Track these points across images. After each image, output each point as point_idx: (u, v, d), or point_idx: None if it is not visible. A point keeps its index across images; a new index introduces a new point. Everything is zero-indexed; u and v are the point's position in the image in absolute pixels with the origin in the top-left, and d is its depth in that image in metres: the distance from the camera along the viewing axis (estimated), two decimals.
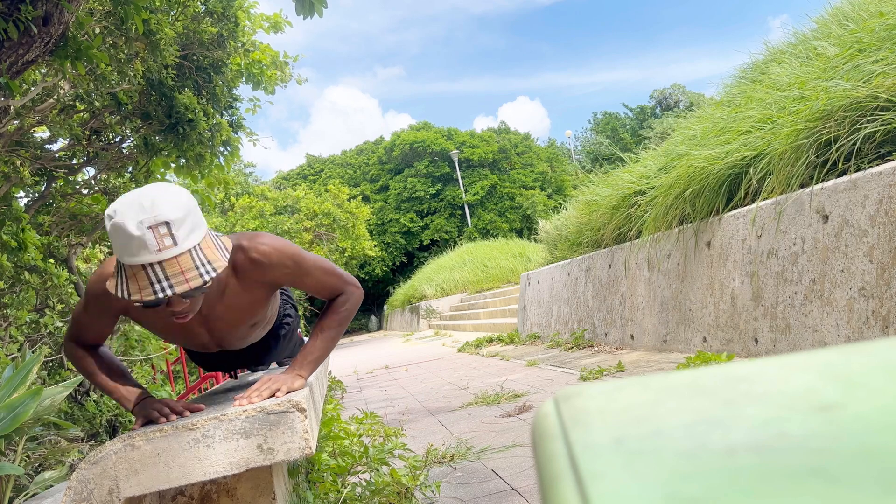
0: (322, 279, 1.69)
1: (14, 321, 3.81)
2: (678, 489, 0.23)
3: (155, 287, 1.33)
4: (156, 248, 1.31)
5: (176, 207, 1.34)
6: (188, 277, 1.35)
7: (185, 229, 1.35)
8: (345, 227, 18.74)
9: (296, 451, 1.36)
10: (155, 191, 1.36)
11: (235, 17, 5.03)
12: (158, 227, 1.30)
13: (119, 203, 1.34)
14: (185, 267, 1.34)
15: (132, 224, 1.29)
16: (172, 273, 1.33)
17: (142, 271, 1.33)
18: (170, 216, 1.32)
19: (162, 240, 1.31)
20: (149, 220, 1.30)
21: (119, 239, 1.31)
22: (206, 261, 1.38)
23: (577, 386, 0.36)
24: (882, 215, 2.68)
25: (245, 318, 1.73)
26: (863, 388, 0.29)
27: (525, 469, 2.58)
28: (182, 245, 1.34)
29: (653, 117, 35.59)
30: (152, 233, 1.30)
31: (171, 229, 1.32)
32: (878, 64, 3.04)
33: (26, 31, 2.86)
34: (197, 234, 1.38)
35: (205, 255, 1.38)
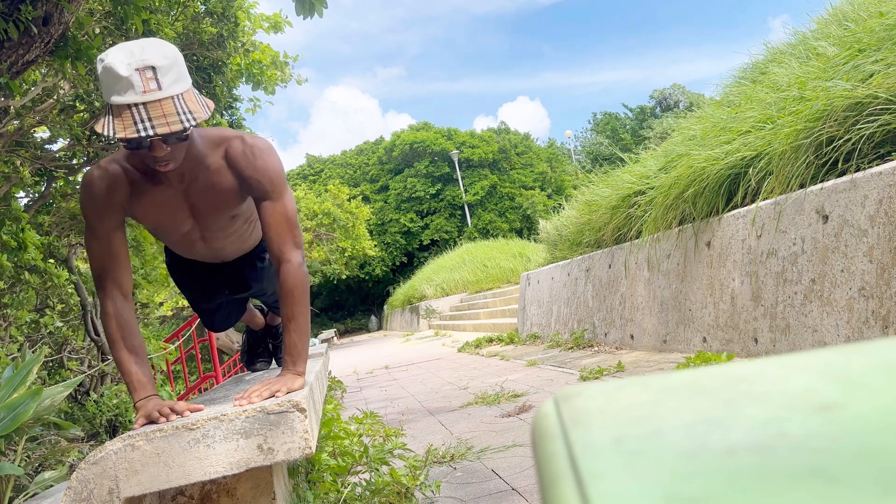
0: (282, 217, 1.69)
1: (14, 321, 3.81)
2: (678, 489, 0.23)
3: (138, 126, 1.41)
4: (141, 90, 1.40)
5: (163, 56, 1.44)
6: (169, 121, 1.43)
7: (170, 77, 1.44)
8: (345, 227, 18.74)
9: (296, 451, 1.36)
10: (145, 40, 1.48)
11: (235, 17, 5.03)
12: (145, 70, 1.40)
13: (111, 49, 1.46)
14: (168, 111, 1.43)
15: (121, 65, 1.39)
16: (155, 115, 1.42)
17: (127, 111, 1.41)
18: (156, 62, 1.42)
19: (147, 83, 1.41)
20: (136, 62, 1.40)
21: (108, 80, 1.41)
22: (188, 109, 1.46)
23: (577, 386, 0.36)
24: (882, 215, 2.68)
25: (224, 202, 1.75)
26: (863, 388, 0.29)
27: (525, 469, 2.58)
28: (166, 90, 1.43)
29: (653, 117, 35.59)
30: (139, 75, 1.40)
31: (157, 74, 1.42)
32: (878, 64, 3.04)
33: (26, 31, 2.86)
34: (181, 84, 1.47)
35: (186, 105, 1.47)
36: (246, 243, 2.07)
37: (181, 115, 1.45)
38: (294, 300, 1.67)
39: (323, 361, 2.84)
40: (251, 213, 1.94)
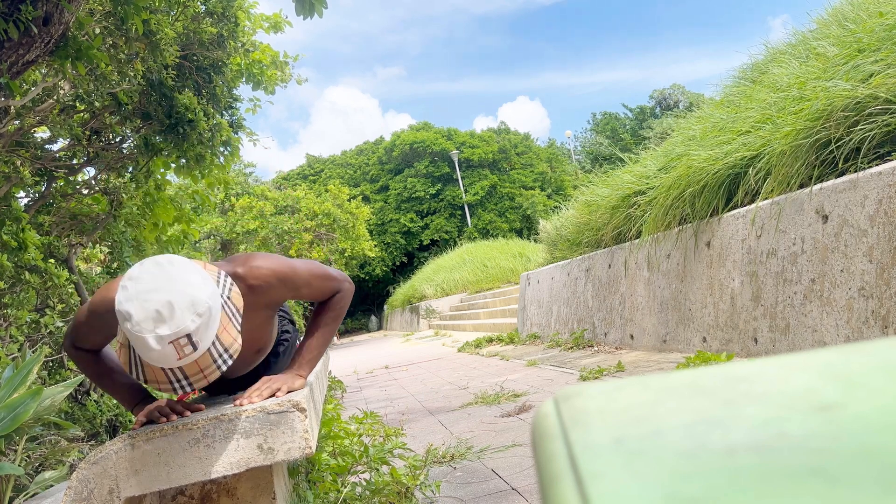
0: (318, 286, 1.71)
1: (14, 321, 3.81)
2: (678, 489, 0.23)
3: (174, 385, 1.33)
4: (176, 359, 1.28)
5: (196, 313, 1.27)
6: (207, 374, 1.34)
7: (205, 332, 1.30)
8: (345, 228, 18.74)
9: (296, 451, 1.36)
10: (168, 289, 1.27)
11: (235, 17, 5.03)
12: (180, 339, 1.26)
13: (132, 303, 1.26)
14: (204, 365, 1.33)
15: (151, 339, 1.24)
16: (192, 373, 1.32)
17: (160, 370, 1.32)
18: (191, 327, 1.26)
19: (182, 349, 1.27)
20: (169, 336, 1.25)
21: (136, 344, 1.27)
22: (223, 349, 1.35)
23: (577, 386, 0.36)
24: (881, 215, 2.68)
25: (251, 345, 1.72)
26: (863, 388, 0.29)
27: (525, 469, 2.58)
28: (202, 348, 1.30)
29: (652, 117, 35.59)
30: (173, 347, 1.26)
31: (192, 338, 1.27)
32: (878, 64, 3.04)
33: (26, 31, 2.86)
34: (214, 325, 1.32)
35: (221, 345, 1.35)
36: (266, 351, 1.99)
37: (217, 361, 1.34)
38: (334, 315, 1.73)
39: (323, 361, 2.84)
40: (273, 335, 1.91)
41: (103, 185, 5.47)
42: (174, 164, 5.23)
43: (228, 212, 17.62)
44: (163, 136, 4.75)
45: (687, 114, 7.68)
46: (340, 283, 1.76)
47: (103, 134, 5.18)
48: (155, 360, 1.27)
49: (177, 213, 5.93)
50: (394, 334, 20.73)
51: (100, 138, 5.17)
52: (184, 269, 1.31)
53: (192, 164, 5.07)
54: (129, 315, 1.25)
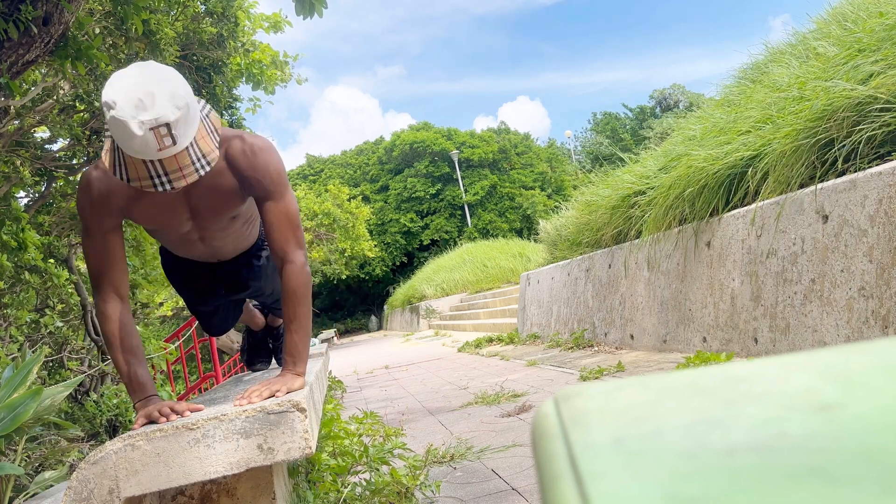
0: (284, 217, 1.68)
1: (14, 321, 3.81)
2: (678, 489, 0.23)
3: (154, 181, 1.41)
4: (156, 148, 1.37)
5: (175, 105, 1.37)
6: (185, 173, 1.43)
7: (184, 126, 1.39)
8: (345, 227, 18.74)
9: (296, 451, 1.36)
10: (151, 82, 1.37)
11: (235, 17, 5.03)
12: (159, 128, 1.35)
13: (116, 92, 1.35)
14: (183, 163, 1.42)
15: (133, 124, 1.33)
16: (171, 169, 1.41)
17: (141, 164, 1.40)
18: (170, 116, 1.35)
19: (163, 140, 1.36)
20: (150, 121, 1.34)
21: (118, 133, 1.36)
22: (202, 154, 1.45)
23: (577, 386, 0.36)
24: (882, 215, 2.68)
25: (225, 203, 1.74)
26: (863, 388, 0.29)
27: (525, 469, 2.58)
28: (181, 143, 1.39)
29: (652, 117, 35.60)
30: (153, 134, 1.35)
31: (172, 129, 1.36)
32: (878, 64, 3.04)
33: (26, 31, 2.86)
34: (193, 126, 1.43)
35: (200, 149, 1.45)
36: (244, 242, 2.06)
37: (196, 164, 1.44)
38: (296, 301, 1.66)
39: (323, 361, 2.84)
40: (251, 213, 1.93)
41: None
42: None
43: None
44: None
45: (687, 114, 7.69)
46: (297, 249, 1.69)
47: (103, 134, 5.17)
48: (136, 149, 1.36)
49: None
50: (394, 334, 20.73)
51: (100, 138, 5.17)
52: (167, 70, 1.43)
53: None
54: (113, 103, 1.34)
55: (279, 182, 1.68)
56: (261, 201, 1.69)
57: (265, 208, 1.68)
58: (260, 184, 1.66)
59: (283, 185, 1.69)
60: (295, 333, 1.67)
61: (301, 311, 1.67)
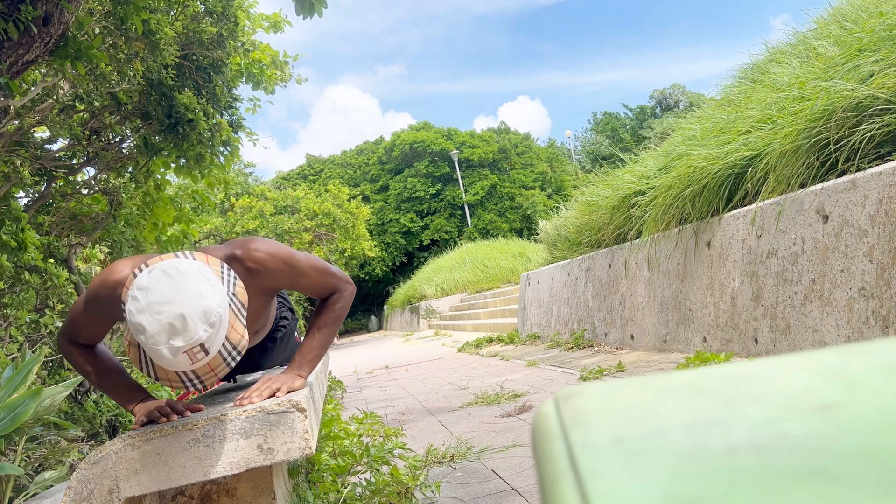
0: (317, 279, 1.71)
1: (14, 321, 3.81)
2: (678, 489, 0.23)
3: (186, 384, 1.35)
4: (189, 364, 1.30)
5: (208, 323, 1.28)
6: (217, 372, 1.36)
7: (216, 337, 1.31)
8: (345, 228, 18.74)
9: (296, 451, 1.36)
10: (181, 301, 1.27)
11: (235, 16, 5.03)
12: (193, 348, 1.27)
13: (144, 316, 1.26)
14: (215, 365, 1.34)
15: (166, 350, 1.26)
16: (203, 373, 1.34)
17: (173, 372, 1.33)
18: (203, 336, 1.27)
19: (195, 356, 1.29)
20: (183, 347, 1.26)
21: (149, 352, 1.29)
22: (232, 347, 1.36)
23: (577, 386, 0.36)
24: (882, 215, 2.68)
25: (249, 328, 1.73)
26: (863, 388, 0.29)
27: (525, 469, 2.58)
28: (213, 351, 1.31)
29: (653, 117, 35.60)
30: (186, 355, 1.28)
31: (205, 346, 1.29)
32: (878, 64, 3.04)
33: (26, 31, 2.86)
34: (224, 329, 1.33)
35: (230, 343, 1.36)
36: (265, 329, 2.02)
37: (227, 360, 1.36)
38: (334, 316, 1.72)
39: (323, 361, 2.84)
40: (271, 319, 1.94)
41: (103, 185, 5.47)
42: (174, 164, 5.23)
43: (228, 212, 17.62)
44: (162, 136, 4.75)
45: (687, 114, 7.69)
46: (340, 281, 1.75)
47: (103, 134, 5.17)
48: (168, 365, 1.29)
49: (176, 213, 5.93)
50: (394, 334, 20.72)
51: (99, 138, 5.17)
52: (192, 278, 1.31)
53: (191, 163, 5.07)
54: (142, 328, 1.26)
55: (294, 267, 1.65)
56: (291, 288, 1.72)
57: (298, 289, 1.72)
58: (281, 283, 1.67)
59: (297, 266, 1.66)
60: (315, 340, 1.70)
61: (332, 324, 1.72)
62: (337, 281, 1.74)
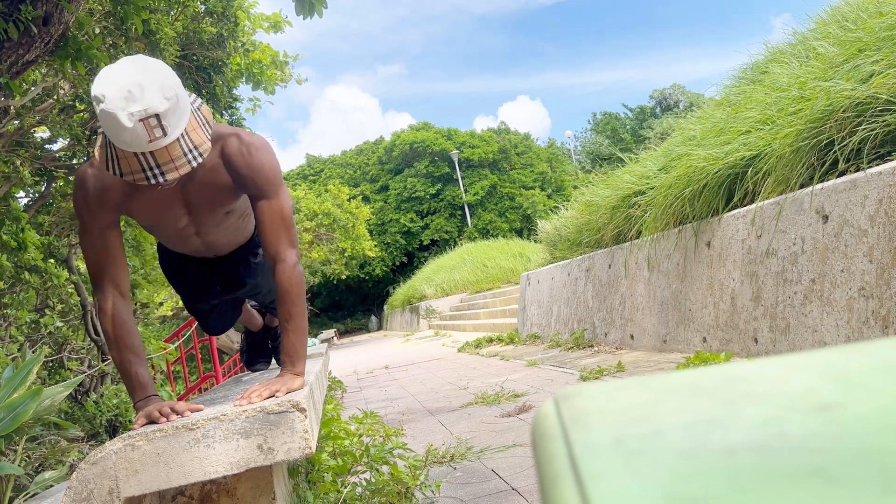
0: (278, 216, 1.68)
1: (14, 321, 3.81)
2: (678, 489, 0.23)
3: (147, 174, 1.41)
4: (147, 140, 1.37)
5: (164, 96, 1.37)
6: (177, 165, 1.43)
7: (174, 117, 1.40)
8: (345, 228, 18.74)
9: (296, 451, 1.36)
10: (140, 74, 1.37)
11: (235, 16, 5.03)
12: (149, 118, 1.35)
13: (106, 86, 1.36)
14: (175, 155, 1.42)
15: (123, 116, 1.34)
16: (163, 161, 1.41)
17: (133, 157, 1.40)
18: (159, 107, 1.36)
19: (153, 131, 1.36)
20: (139, 112, 1.34)
21: (109, 126, 1.37)
22: (193, 146, 1.45)
23: (577, 386, 0.36)
24: (882, 215, 2.68)
25: (220, 199, 1.75)
26: (863, 388, 0.29)
27: (525, 469, 2.58)
28: (171, 135, 1.40)
29: (652, 117, 35.60)
30: (143, 125, 1.35)
31: (161, 120, 1.37)
32: (879, 64, 3.04)
33: (26, 31, 2.86)
34: (184, 118, 1.43)
35: (191, 140, 1.45)
36: (240, 236, 2.07)
37: (188, 155, 1.44)
38: (290, 300, 1.66)
39: (323, 361, 2.84)
40: (246, 208, 1.93)
41: None
42: None
43: None
44: None
45: (687, 114, 7.69)
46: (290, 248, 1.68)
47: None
48: (127, 141, 1.37)
49: None
50: (394, 334, 20.72)
51: None
52: (156, 63, 1.43)
53: None
54: (102, 96, 1.35)
55: (273, 181, 1.68)
56: (254, 199, 1.70)
57: (258, 206, 1.69)
58: (254, 182, 1.67)
59: (276, 183, 1.69)
60: (291, 333, 1.66)
61: (296, 311, 1.66)
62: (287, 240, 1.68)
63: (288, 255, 1.68)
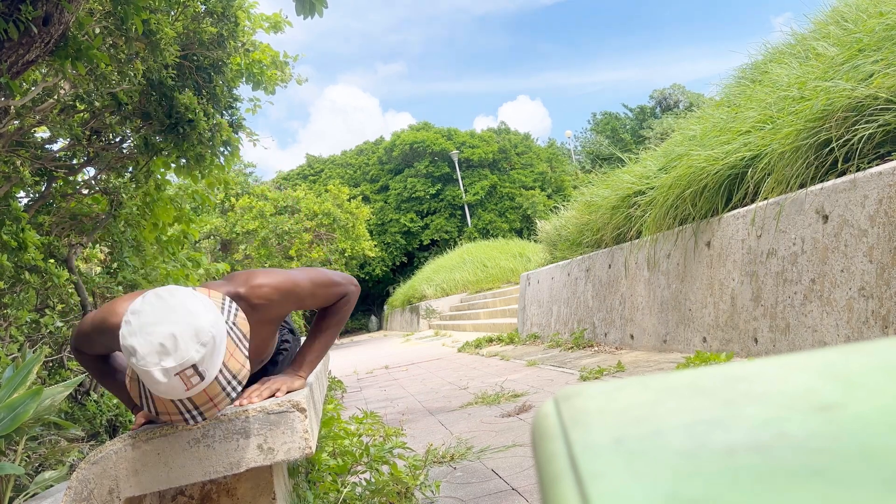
0: (323, 294, 1.70)
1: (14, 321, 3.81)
2: (678, 489, 0.23)
3: (185, 416, 1.32)
4: (184, 390, 1.27)
5: (200, 343, 1.26)
6: (216, 402, 1.33)
7: (211, 360, 1.28)
8: (345, 228, 18.74)
9: (296, 451, 1.36)
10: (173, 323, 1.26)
11: (235, 16, 5.03)
12: (186, 370, 1.24)
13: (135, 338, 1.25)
14: (213, 393, 1.31)
15: (157, 372, 1.23)
16: (201, 403, 1.31)
17: (170, 402, 1.30)
18: (195, 357, 1.25)
19: (189, 380, 1.26)
20: (175, 368, 1.23)
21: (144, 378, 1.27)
22: (231, 376, 1.34)
23: (577, 386, 0.36)
24: (882, 215, 2.68)
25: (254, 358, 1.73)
26: (863, 388, 0.29)
27: (525, 469, 2.58)
28: (209, 377, 1.28)
29: (653, 117, 35.60)
30: (180, 378, 1.24)
31: (198, 368, 1.26)
32: (878, 64, 3.04)
33: (26, 31, 2.86)
34: (220, 353, 1.31)
35: (229, 372, 1.34)
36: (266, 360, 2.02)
37: (226, 389, 1.33)
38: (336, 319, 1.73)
39: (323, 361, 2.84)
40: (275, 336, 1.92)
41: (103, 185, 5.47)
42: (174, 164, 5.23)
43: (228, 212, 17.62)
44: (163, 136, 4.75)
45: (687, 114, 7.69)
46: (345, 286, 1.74)
47: (103, 134, 5.17)
48: (163, 392, 1.26)
49: (177, 213, 5.93)
50: (394, 334, 20.72)
51: (100, 138, 5.16)
52: (186, 299, 1.30)
53: (192, 164, 5.07)
54: (133, 350, 1.24)
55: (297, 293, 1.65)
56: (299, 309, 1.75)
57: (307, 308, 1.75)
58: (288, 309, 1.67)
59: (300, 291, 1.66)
60: (318, 341, 1.72)
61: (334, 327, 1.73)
62: (342, 289, 1.73)
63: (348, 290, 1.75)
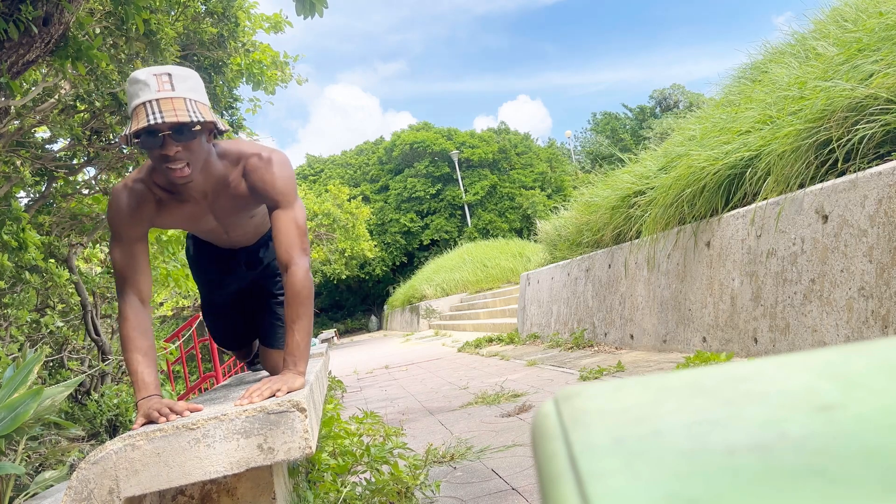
0: (293, 224, 1.79)
1: (15, 321, 3.81)
2: (678, 489, 0.23)
3: (149, 118, 1.53)
4: (156, 89, 1.54)
5: (184, 72, 1.59)
6: (178, 112, 1.55)
7: (186, 85, 1.58)
8: (345, 228, 18.74)
9: (296, 451, 1.36)
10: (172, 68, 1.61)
11: (235, 17, 5.03)
12: (162, 75, 1.56)
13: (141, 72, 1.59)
14: (178, 106, 1.56)
15: (142, 73, 1.55)
16: (165, 109, 1.54)
17: (142, 108, 1.54)
18: (174, 71, 1.58)
19: (162, 84, 1.55)
20: (156, 70, 1.57)
21: (131, 89, 1.57)
22: (197, 110, 1.59)
23: (577, 386, 0.36)
24: (881, 215, 2.68)
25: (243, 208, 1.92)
26: (863, 388, 0.29)
27: (525, 469, 2.58)
28: (178, 92, 1.56)
29: (652, 117, 35.59)
30: (156, 78, 1.55)
31: (172, 79, 1.56)
32: (878, 64, 3.04)
33: (27, 31, 2.86)
34: (196, 94, 1.61)
35: (197, 107, 1.59)
36: (263, 228, 2.25)
37: (190, 111, 1.56)
38: (299, 303, 1.75)
39: (323, 361, 2.84)
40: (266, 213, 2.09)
41: (103, 184, 5.47)
42: None
43: None
44: None
45: (687, 114, 7.69)
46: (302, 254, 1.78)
47: (103, 134, 5.17)
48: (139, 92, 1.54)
49: None
50: (394, 334, 20.72)
51: (100, 138, 5.16)
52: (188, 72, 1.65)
53: None
54: (136, 77, 1.56)
55: (287, 193, 1.81)
56: (271, 209, 1.83)
57: (274, 216, 1.82)
58: (270, 195, 1.80)
59: (291, 195, 1.82)
60: (297, 334, 1.73)
61: (303, 313, 1.75)
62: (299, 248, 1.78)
63: (300, 261, 1.78)
